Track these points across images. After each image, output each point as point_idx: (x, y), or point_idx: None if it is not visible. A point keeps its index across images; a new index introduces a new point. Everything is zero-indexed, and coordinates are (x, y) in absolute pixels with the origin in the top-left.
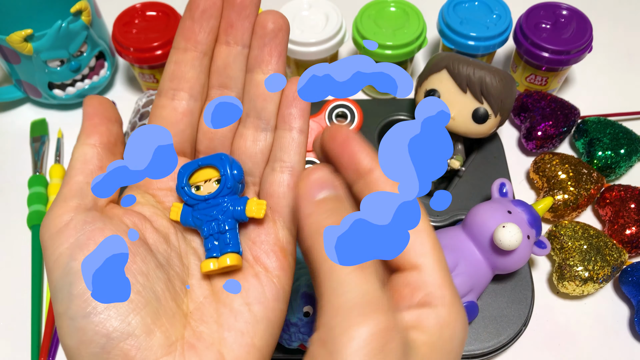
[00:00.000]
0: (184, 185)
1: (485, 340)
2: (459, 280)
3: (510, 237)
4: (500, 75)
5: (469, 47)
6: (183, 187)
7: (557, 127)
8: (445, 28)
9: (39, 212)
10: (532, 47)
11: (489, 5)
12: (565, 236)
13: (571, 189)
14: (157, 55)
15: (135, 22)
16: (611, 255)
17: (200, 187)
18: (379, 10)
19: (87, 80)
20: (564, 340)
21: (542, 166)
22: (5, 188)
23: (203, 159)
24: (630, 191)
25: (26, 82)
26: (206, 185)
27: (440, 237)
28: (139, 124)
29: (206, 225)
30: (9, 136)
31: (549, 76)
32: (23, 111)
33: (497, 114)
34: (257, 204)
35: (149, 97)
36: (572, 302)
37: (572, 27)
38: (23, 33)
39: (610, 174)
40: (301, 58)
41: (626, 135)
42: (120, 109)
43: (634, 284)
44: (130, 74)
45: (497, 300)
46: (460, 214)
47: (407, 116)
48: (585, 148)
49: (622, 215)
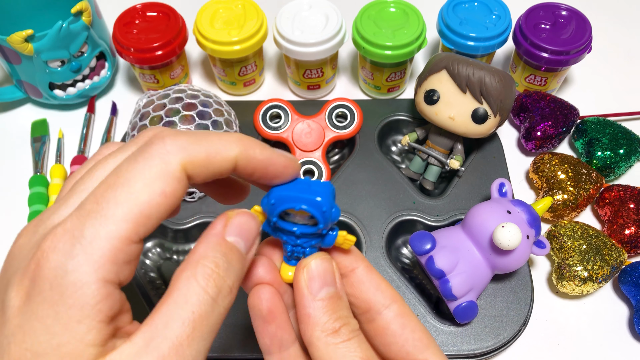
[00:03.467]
0: (275, 220)
1: (484, 340)
2: (458, 279)
3: (510, 237)
4: (499, 75)
5: (468, 48)
6: (275, 222)
7: (556, 127)
8: (444, 28)
9: (39, 212)
10: (532, 47)
11: (489, 6)
12: (564, 236)
13: (570, 189)
14: (158, 56)
15: (136, 22)
16: (610, 255)
17: (290, 213)
18: (379, 11)
19: (88, 81)
20: (564, 339)
21: (541, 166)
22: (6, 188)
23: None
24: (630, 191)
25: (27, 83)
26: (299, 215)
27: (440, 237)
28: (139, 124)
29: (290, 246)
30: (9, 136)
31: (548, 76)
32: (24, 111)
33: (497, 114)
34: (346, 239)
35: (150, 98)
36: (572, 302)
37: (571, 28)
38: (24, 33)
39: (610, 174)
40: (301, 58)
41: (625, 136)
42: (121, 110)
43: (633, 284)
44: (131, 74)
45: (496, 300)
46: (460, 213)
47: (407, 116)
48: (584, 148)
49: (621, 215)
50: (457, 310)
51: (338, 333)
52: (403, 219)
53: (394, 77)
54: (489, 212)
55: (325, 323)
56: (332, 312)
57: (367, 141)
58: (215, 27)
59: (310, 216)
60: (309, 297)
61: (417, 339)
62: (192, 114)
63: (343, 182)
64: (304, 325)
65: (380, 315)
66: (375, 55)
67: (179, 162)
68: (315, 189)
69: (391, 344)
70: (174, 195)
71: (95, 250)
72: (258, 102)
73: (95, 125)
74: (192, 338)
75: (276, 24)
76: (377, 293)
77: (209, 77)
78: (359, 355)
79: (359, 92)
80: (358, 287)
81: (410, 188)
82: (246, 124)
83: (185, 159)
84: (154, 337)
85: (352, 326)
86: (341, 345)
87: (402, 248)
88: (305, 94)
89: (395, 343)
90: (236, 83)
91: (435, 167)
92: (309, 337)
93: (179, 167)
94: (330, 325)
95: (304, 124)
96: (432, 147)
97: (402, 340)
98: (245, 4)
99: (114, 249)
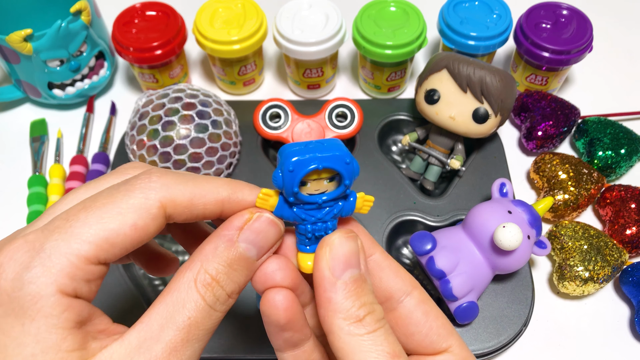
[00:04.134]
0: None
1: (485, 340)
2: (459, 280)
3: (511, 237)
4: (500, 75)
5: (469, 47)
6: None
7: (557, 127)
8: (445, 28)
9: (38, 212)
10: (533, 46)
11: (489, 5)
12: (565, 236)
13: (571, 189)
14: (157, 55)
15: (135, 21)
16: (611, 255)
17: (307, 183)
18: (379, 10)
19: (87, 80)
20: (564, 340)
21: (542, 166)
22: (5, 188)
23: (320, 159)
24: (631, 191)
25: (26, 82)
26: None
27: (441, 237)
28: (138, 124)
29: (310, 225)
30: (8, 136)
31: (549, 76)
32: (23, 111)
33: (498, 113)
34: (365, 201)
35: (149, 97)
36: (573, 302)
37: (572, 27)
38: (23, 33)
39: (611, 174)
40: (301, 58)
41: (626, 135)
42: (120, 109)
43: (634, 284)
44: (130, 74)
45: (497, 300)
46: (461, 214)
47: (408, 116)
48: (585, 148)
49: (623, 215)
50: (457, 311)
51: (362, 322)
52: (403, 219)
53: (394, 77)
54: (490, 212)
55: (348, 309)
56: (357, 298)
57: (367, 141)
58: (215, 26)
59: (328, 179)
60: (331, 279)
61: (440, 325)
62: (191, 113)
63: None
64: (323, 311)
65: (402, 303)
66: (376, 55)
67: (158, 199)
68: (328, 145)
69: (414, 334)
70: (145, 231)
71: (53, 264)
72: (258, 101)
73: (95, 125)
74: (186, 342)
75: (276, 23)
76: (397, 280)
77: (208, 77)
78: (386, 350)
79: (359, 91)
80: (377, 274)
81: (410, 188)
82: (246, 124)
83: (166, 197)
84: (147, 338)
85: (377, 314)
86: (366, 337)
87: (403, 248)
88: (305, 93)
89: (418, 332)
90: (236, 82)
91: (436, 167)
92: (329, 324)
93: (157, 203)
94: (354, 312)
95: (304, 124)
96: (432, 147)
97: (426, 328)
98: (245, 3)
99: (72, 266)
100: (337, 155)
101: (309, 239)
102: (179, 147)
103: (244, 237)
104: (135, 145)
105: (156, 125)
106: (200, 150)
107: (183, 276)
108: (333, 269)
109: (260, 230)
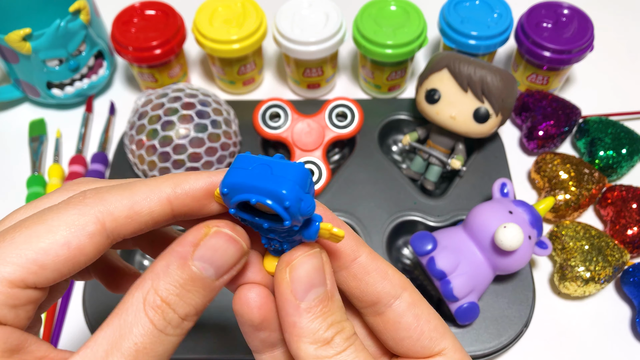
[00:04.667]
0: (235, 212)
1: (486, 341)
2: (460, 280)
3: (512, 237)
4: (501, 74)
5: (469, 47)
6: (235, 214)
7: (558, 127)
8: (446, 27)
9: None
10: (534, 46)
11: (490, 4)
12: (566, 236)
13: (572, 189)
14: (156, 55)
15: (134, 21)
16: (613, 255)
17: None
18: (380, 9)
19: (86, 80)
20: (565, 341)
21: (543, 166)
22: (4, 188)
23: (256, 192)
24: (632, 191)
25: (25, 82)
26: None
27: (441, 237)
28: (137, 123)
29: (264, 238)
30: (7, 136)
31: (550, 75)
32: (21, 111)
33: (498, 113)
34: (332, 234)
35: (148, 97)
36: (574, 303)
37: (573, 26)
38: (21, 32)
39: (612, 173)
40: (301, 57)
41: (628, 135)
42: (119, 109)
43: (635, 285)
44: (129, 73)
45: (498, 301)
46: (461, 214)
47: (408, 115)
48: (586, 148)
49: (624, 216)
50: (458, 312)
51: (331, 344)
52: (404, 219)
53: (395, 76)
54: (491, 212)
55: (314, 333)
56: (323, 319)
57: (367, 141)
58: (214, 25)
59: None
60: (294, 303)
61: (432, 329)
62: (190, 113)
63: (343, 182)
64: (288, 335)
65: (390, 307)
66: (376, 54)
67: (94, 215)
68: (279, 174)
69: (404, 339)
70: (81, 250)
71: None
72: (257, 101)
73: (94, 124)
74: None
75: (276, 22)
76: (385, 283)
77: (208, 76)
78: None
79: (360, 91)
80: (363, 278)
81: (411, 188)
82: (245, 124)
83: (102, 211)
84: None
85: (347, 332)
86: (334, 358)
87: (403, 249)
88: (305, 93)
89: (409, 337)
90: (235, 82)
91: (437, 167)
92: (295, 349)
93: (93, 219)
94: (321, 335)
95: (303, 124)
96: (433, 146)
97: (417, 333)
98: (245, 2)
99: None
100: (278, 194)
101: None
102: (178, 147)
103: (199, 255)
104: (135, 145)
105: (155, 125)
106: (199, 150)
107: (132, 296)
108: (295, 292)
109: (217, 247)
